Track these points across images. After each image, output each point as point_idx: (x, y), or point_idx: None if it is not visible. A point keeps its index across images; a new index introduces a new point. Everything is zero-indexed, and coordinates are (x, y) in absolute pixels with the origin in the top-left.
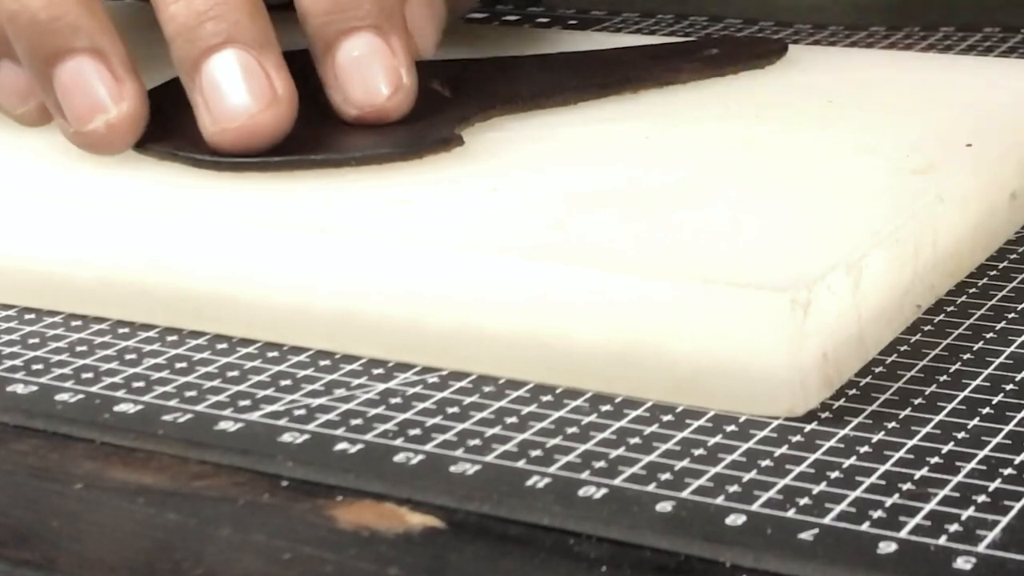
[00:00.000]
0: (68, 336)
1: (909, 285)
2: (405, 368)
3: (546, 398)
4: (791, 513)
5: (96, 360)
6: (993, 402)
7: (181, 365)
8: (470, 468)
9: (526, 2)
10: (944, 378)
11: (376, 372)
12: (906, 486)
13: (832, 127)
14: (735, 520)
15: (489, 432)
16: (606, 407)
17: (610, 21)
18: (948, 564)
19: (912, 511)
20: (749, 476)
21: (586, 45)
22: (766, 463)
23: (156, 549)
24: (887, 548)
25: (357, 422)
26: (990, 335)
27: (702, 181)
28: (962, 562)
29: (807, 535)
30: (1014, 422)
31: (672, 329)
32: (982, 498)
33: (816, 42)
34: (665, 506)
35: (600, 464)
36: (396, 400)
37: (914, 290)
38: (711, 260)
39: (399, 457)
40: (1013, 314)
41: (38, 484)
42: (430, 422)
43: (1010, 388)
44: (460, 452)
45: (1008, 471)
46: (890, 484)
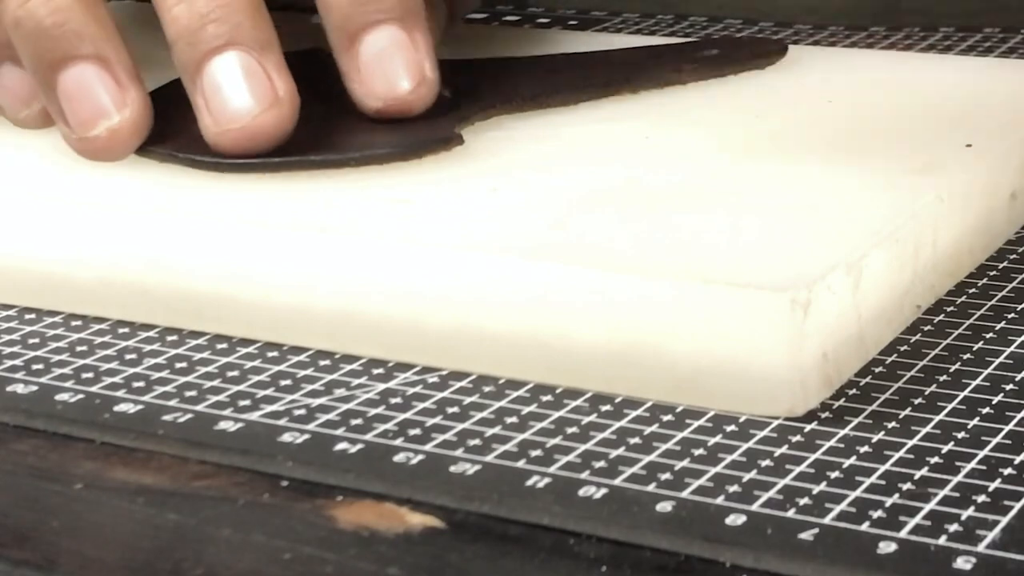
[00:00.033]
0: (68, 336)
1: (909, 285)
2: (405, 368)
3: (546, 398)
4: (791, 513)
5: (96, 360)
6: (993, 402)
7: (181, 365)
8: (470, 468)
9: (526, 2)
10: (944, 378)
11: (376, 372)
12: (906, 486)
13: (832, 127)
14: (735, 520)
15: (489, 432)
16: (606, 407)
17: (610, 21)
18: (948, 564)
19: (912, 511)
20: (749, 476)
21: (586, 45)
22: (766, 463)
23: (156, 549)
24: (887, 548)
25: (357, 422)
26: (990, 335)
27: (702, 181)
28: (962, 562)
29: (807, 535)
30: (1014, 422)
31: (672, 329)
32: (982, 498)
33: (816, 42)
34: (665, 506)
35: (600, 464)
36: (396, 400)
37: (914, 290)
38: (711, 260)
39: (399, 457)
40: (1013, 314)
41: (38, 484)
42: (430, 422)
43: (1010, 388)
44: (460, 452)
45: (1008, 471)
46: (890, 484)
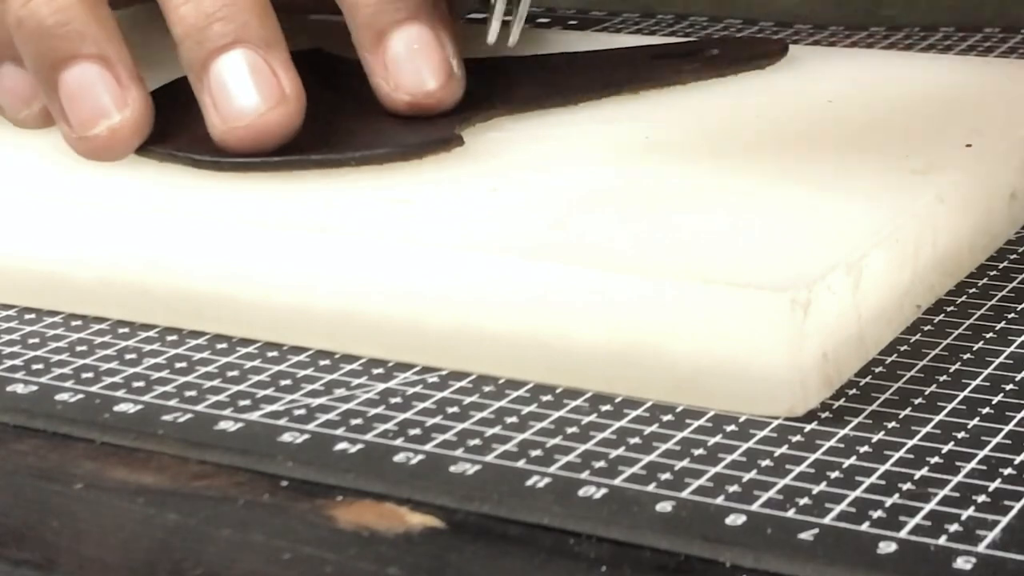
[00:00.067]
0: (68, 336)
1: (909, 285)
2: (405, 368)
3: (546, 398)
4: (791, 513)
5: (96, 360)
6: (993, 402)
7: (181, 365)
8: (470, 468)
9: None
10: (944, 378)
11: (376, 372)
12: (906, 486)
13: (832, 127)
14: (735, 520)
15: (489, 432)
16: (606, 407)
17: (610, 21)
18: (948, 564)
19: (912, 511)
20: (749, 476)
21: (586, 45)
22: (766, 463)
23: (156, 549)
24: (887, 548)
25: (357, 422)
26: (990, 335)
27: (702, 181)
28: (962, 562)
29: (807, 535)
30: (1014, 422)
31: (672, 329)
32: (982, 498)
33: (816, 42)
34: (665, 506)
35: (600, 464)
36: (396, 400)
37: (914, 290)
38: (711, 260)
39: (399, 457)
40: (1013, 314)
41: (38, 484)
42: (430, 422)
43: (1010, 388)
44: (460, 452)
45: (1008, 471)
46: (890, 484)
